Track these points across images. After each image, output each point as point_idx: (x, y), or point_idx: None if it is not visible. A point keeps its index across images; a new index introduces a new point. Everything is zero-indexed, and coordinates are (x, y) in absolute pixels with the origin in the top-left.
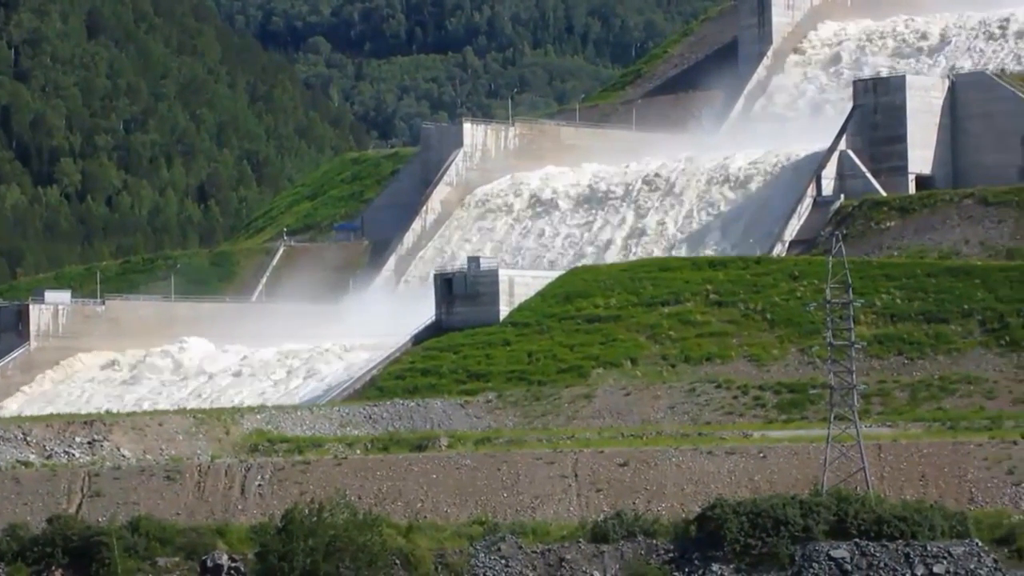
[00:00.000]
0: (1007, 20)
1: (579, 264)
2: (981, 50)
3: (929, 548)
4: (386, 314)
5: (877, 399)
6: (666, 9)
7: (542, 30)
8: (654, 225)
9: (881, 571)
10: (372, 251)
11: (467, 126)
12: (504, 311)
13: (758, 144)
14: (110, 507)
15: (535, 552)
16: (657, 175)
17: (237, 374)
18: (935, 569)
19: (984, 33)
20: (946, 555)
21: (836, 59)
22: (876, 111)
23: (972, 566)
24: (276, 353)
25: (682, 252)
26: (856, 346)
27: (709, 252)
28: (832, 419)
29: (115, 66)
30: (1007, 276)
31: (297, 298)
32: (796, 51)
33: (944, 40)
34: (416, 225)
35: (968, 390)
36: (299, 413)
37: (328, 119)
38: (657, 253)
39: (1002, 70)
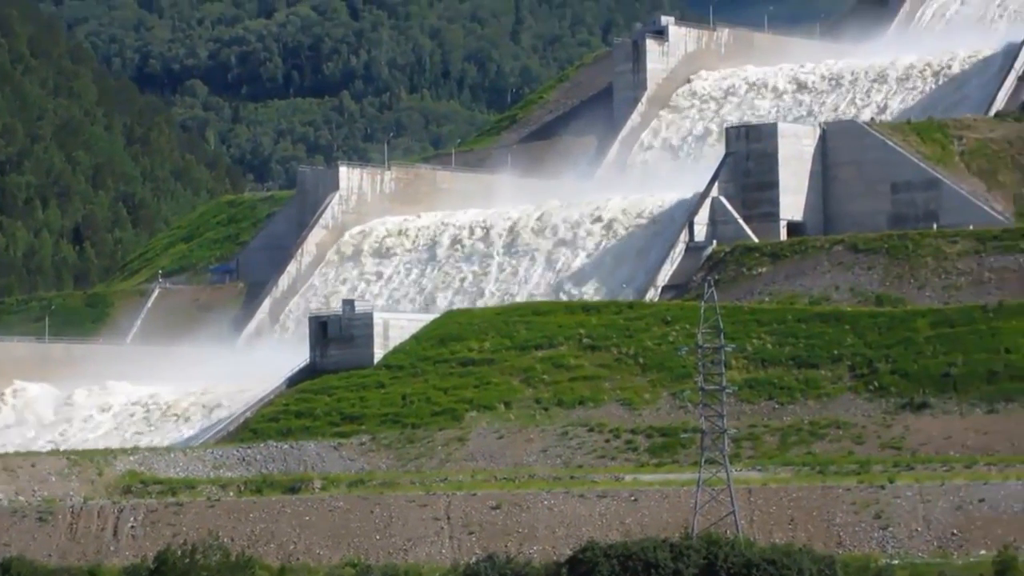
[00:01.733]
0: (880, 69)
1: (454, 308)
2: (853, 98)
3: None
4: (260, 356)
5: (747, 443)
6: (542, 55)
7: (418, 75)
8: (528, 269)
9: None
10: (247, 293)
11: (343, 170)
12: (379, 354)
13: (632, 189)
14: None
15: None
16: (532, 220)
17: (110, 416)
18: None
19: (856, 82)
20: None
21: (709, 106)
22: (748, 158)
23: None
24: (150, 394)
25: (556, 296)
26: (727, 391)
27: (583, 296)
28: (703, 463)
29: None
30: (876, 322)
31: (171, 340)
32: (670, 97)
33: (816, 89)
34: (291, 268)
35: (837, 435)
36: (172, 455)
37: (204, 162)
38: (531, 297)
39: (872, 118)
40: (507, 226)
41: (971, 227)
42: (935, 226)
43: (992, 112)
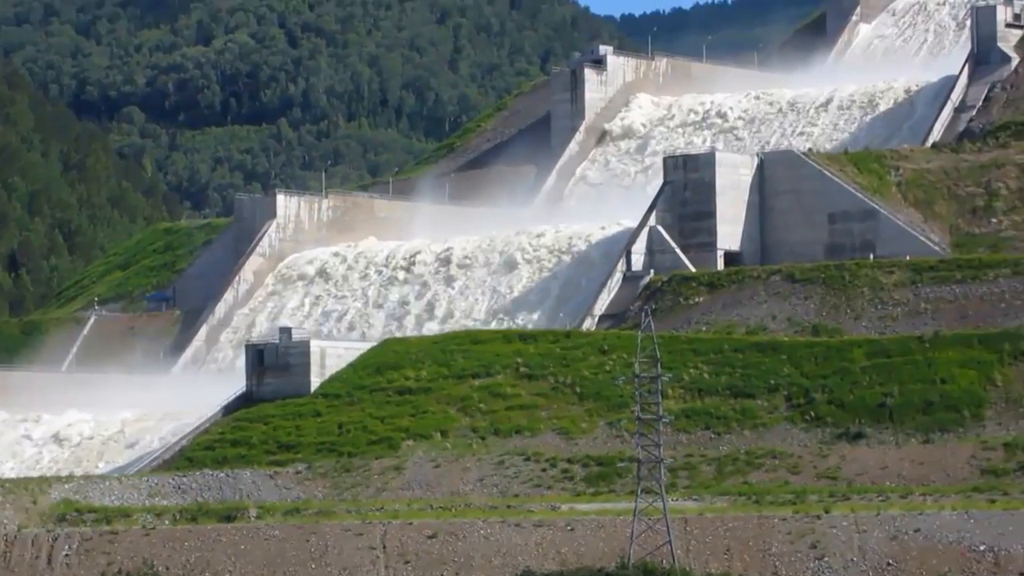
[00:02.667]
0: (818, 99)
1: (391, 336)
2: (791, 128)
3: None
4: (196, 384)
5: (684, 473)
6: (480, 84)
7: (356, 103)
8: (465, 298)
9: None
10: (183, 321)
11: (280, 197)
12: (315, 382)
13: (569, 219)
14: None
15: None
16: (470, 248)
17: (45, 443)
18: None
19: (793, 111)
20: None
21: (648, 135)
22: (686, 187)
23: None
24: (85, 422)
25: (493, 325)
26: (664, 420)
27: (520, 325)
28: (639, 492)
29: None
30: (813, 352)
31: (107, 367)
32: (608, 126)
33: (754, 118)
34: (228, 296)
35: (773, 464)
36: (107, 483)
37: (141, 189)
38: (468, 326)
39: (809, 149)
40: (444, 254)
41: (907, 258)
42: (872, 256)
43: (929, 143)
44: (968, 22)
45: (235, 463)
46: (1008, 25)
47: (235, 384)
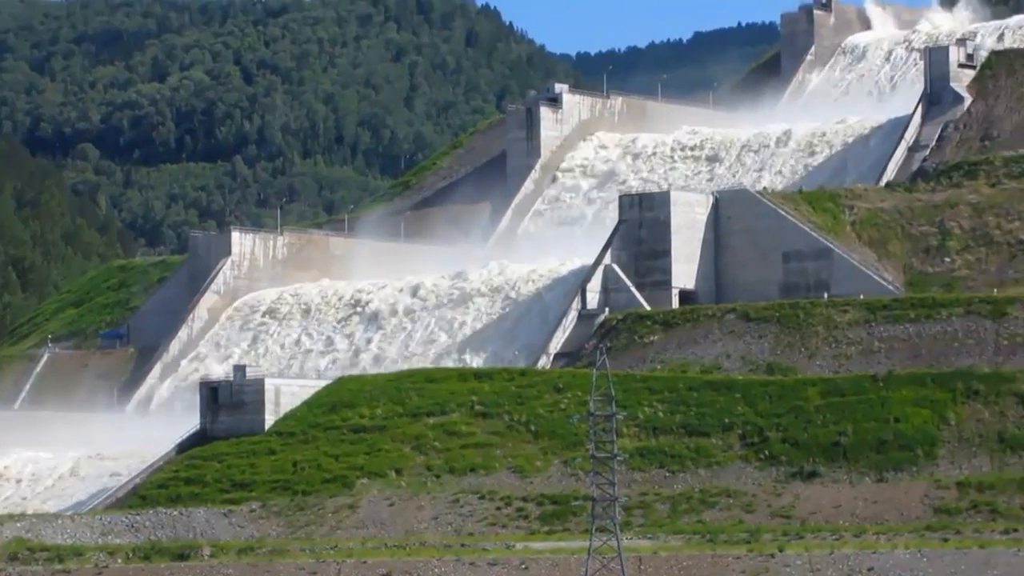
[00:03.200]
0: (772, 138)
1: (345, 374)
2: (746, 167)
3: None
4: (150, 422)
5: (639, 511)
6: (436, 121)
7: (312, 140)
8: (421, 336)
9: None
10: (138, 358)
11: (235, 235)
12: (270, 420)
13: (525, 256)
14: None
15: None
16: (425, 286)
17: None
18: None
19: (748, 150)
20: None
21: (603, 173)
22: (641, 226)
23: None
24: (38, 460)
25: (448, 363)
26: (618, 458)
27: (475, 363)
28: (594, 531)
29: None
30: (767, 391)
31: (60, 405)
32: (564, 165)
33: (709, 157)
34: (183, 333)
35: (727, 503)
36: (60, 521)
37: (96, 226)
38: (423, 364)
39: (764, 187)
40: (400, 292)
41: (861, 297)
42: (826, 295)
43: (883, 182)
44: (921, 62)
45: (189, 501)
46: (961, 65)
47: (189, 422)
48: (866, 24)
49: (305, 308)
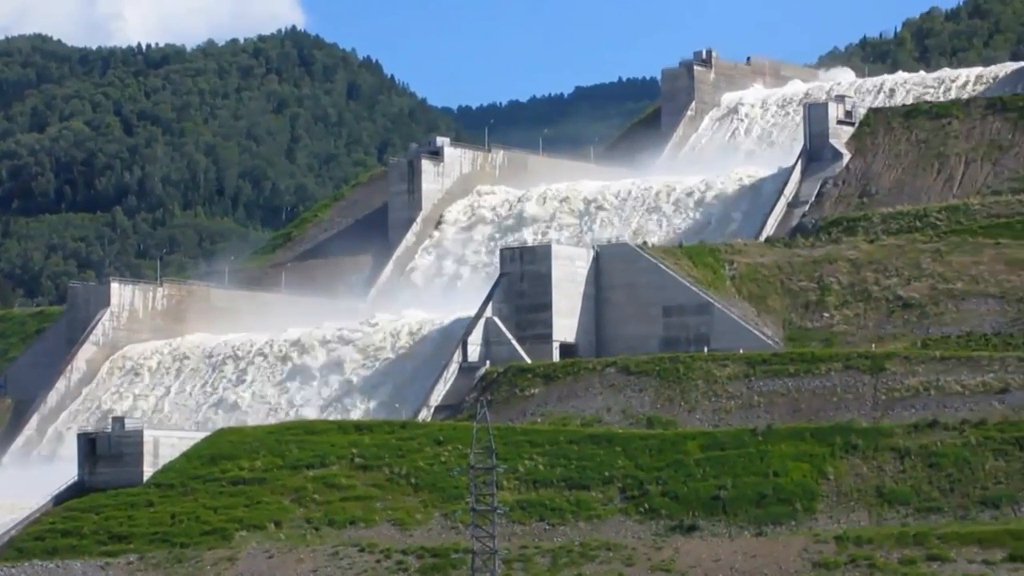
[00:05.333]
0: (653, 193)
1: (225, 426)
2: (626, 221)
3: None
4: (27, 474)
5: (519, 564)
6: (317, 173)
7: (193, 191)
8: (302, 388)
9: None
10: (15, 410)
11: (115, 286)
12: (148, 472)
13: (406, 309)
14: None
15: None
16: (306, 339)
17: None
18: None
19: (629, 205)
20: None
21: (485, 227)
22: (522, 279)
23: None
24: None
25: (328, 415)
26: (499, 511)
27: (355, 416)
28: None
29: None
30: (647, 444)
31: None
32: (445, 218)
33: (590, 211)
34: (60, 384)
35: (608, 556)
36: None
37: None
38: (304, 416)
39: (645, 242)
40: (281, 345)
41: (741, 351)
42: (706, 349)
43: (763, 237)
44: (801, 119)
45: (66, 553)
46: (840, 122)
47: (67, 473)
48: (746, 80)
49: (185, 360)
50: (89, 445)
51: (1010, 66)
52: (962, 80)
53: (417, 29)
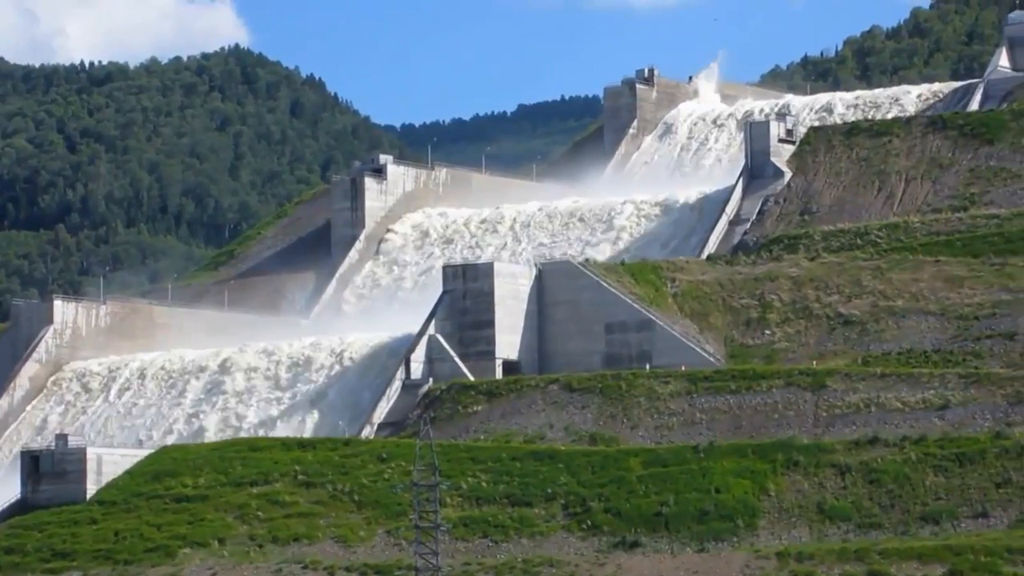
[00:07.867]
0: (596, 210)
1: (168, 443)
2: (569, 239)
3: None
4: None
5: None
6: (260, 191)
7: (136, 209)
8: (244, 405)
9: None
10: None
11: (58, 303)
12: (92, 489)
13: (349, 326)
14: None
15: None
16: (248, 356)
17: None
18: None
19: (572, 222)
20: None
21: (426, 244)
22: (465, 296)
23: None
24: None
25: (271, 433)
26: (442, 528)
27: (299, 433)
28: None
29: None
30: (590, 461)
31: None
32: (388, 235)
33: (532, 229)
34: (3, 402)
35: (551, 573)
36: None
37: None
38: (246, 433)
39: (587, 259)
40: (223, 362)
41: (683, 368)
42: (648, 367)
43: (704, 255)
44: (742, 137)
45: (9, 571)
46: (781, 140)
47: (10, 491)
48: (688, 99)
49: (128, 377)
50: (32, 463)
51: (951, 85)
52: (903, 99)
53: (360, 47)
